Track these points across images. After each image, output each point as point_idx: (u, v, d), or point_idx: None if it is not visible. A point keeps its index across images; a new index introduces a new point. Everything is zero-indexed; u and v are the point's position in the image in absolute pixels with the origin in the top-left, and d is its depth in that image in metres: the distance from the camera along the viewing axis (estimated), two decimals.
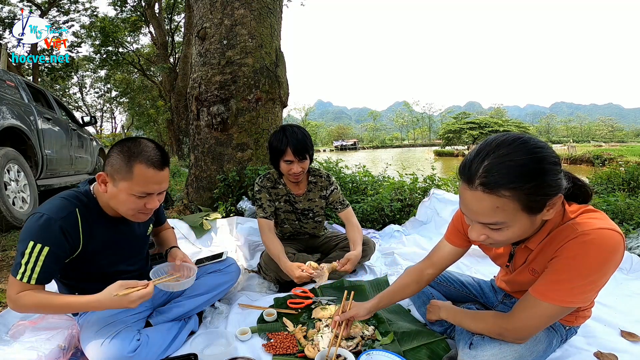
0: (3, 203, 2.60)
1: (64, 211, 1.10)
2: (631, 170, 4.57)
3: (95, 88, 27.85)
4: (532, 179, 0.78)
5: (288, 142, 1.74)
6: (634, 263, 1.95)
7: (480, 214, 0.84)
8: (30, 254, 1.05)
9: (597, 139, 77.50)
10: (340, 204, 2.02)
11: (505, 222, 0.83)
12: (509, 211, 0.81)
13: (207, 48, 3.02)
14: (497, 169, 0.79)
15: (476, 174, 0.82)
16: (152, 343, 1.23)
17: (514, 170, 0.78)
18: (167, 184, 1.18)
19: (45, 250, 1.06)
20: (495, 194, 0.79)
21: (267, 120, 3.08)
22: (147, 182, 1.10)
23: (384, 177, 3.96)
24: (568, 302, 0.88)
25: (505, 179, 0.78)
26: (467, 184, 0.84)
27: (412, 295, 1.32)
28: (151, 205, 1.15)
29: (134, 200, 1.12)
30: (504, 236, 0.86)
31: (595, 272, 0.85)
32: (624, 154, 15.65)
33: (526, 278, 1.05)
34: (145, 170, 1.09)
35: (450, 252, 1.22)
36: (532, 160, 0.79)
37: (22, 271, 1.05)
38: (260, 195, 1.94)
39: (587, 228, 0.85)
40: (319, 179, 2.02)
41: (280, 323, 1.49)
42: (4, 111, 2.93)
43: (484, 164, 0.81)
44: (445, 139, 48.11)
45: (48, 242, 1.06)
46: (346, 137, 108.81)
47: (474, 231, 0.90)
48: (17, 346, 1.21)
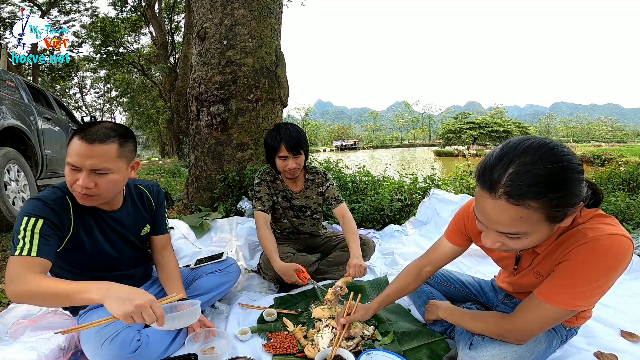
0: (3, 203, 2.60)
1: (55, 195, 1.14)
2: (631, 170, 4.57)
3: (95, 88, 27.89)
4: (559, 189, 0.74)
5: (282, 138, 1.77)
6: (634, 263, 1.95)
7: (501, 223, 0.80)
8: (25, 228, 1.05)
9: (597, 139, 77.50)
10: (335, 199, 2.02)
11: (526, 232, 0.80)
12: (532, 222, 0.77)
13: (207, 48, 3.02)
14: (523, 178, 0.73)
15: (499, 181, 0.76)
16: (152, 343, 1.22)
17: (542, 180, 0.73)
18: (99, 161, 1.09)
19: (40, 222, 1.07)
20: (521, 205, 0.74)
21: (267, 120, 3.08)
22: (73, 153, 1.08)
23: (384, 177, 3.96)
24: (573, 306, 0.88)
25: (533, 190, 0.73)
26: (487, 192, 0.78)
27: (412, 292, 1.33)
28: (82, 182, 1.08)
29: (69, 172, 1.10)
30: (521, 244, 0.84)
31: (603, 277, 0.84)
32: (623, 154, 15.65)
33: (530, 281, 1.04)
34: (75, 141, 1.09)
35: (449, 250, 1.22)
36: (561, 169, 0.74)
37: (20, 245, 1.02)
38: (260, 188, 1.95)
39: (598, 234, 0.84)
40: (316, 176, 2.04)
41: (280, 323, 1.50)
42: (4, 111, 2.93)
43: (508, 172, 0.75)
44: (445, 139, 48.12)
45: (41, 215, 1.08)
46: (346, 137, 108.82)
47: (489, 239, 0.86)
48: (17, 346, 1.22)
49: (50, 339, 1.24)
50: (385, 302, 1.30)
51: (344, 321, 1.24)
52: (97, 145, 1.08)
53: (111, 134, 1.12)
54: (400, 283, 1.28)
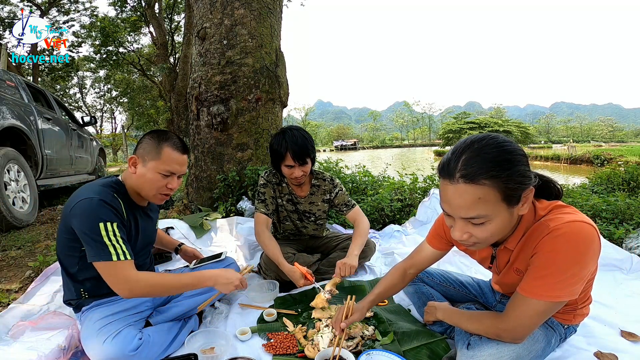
0: (3, 203, 2.60)
1: (109, 195, 1.21)
2: (631, 170, 4.57)
3: (96, 88, 27.85)
4: (506, 167, 0.83)
5: (288, 146, 1.72)
6: (634, 263, 1.94)
7: (463, 207, 0.86)
8: (108, 234, 1.12)
9: (597, 139, 77.50)
10: (345, 205, 2.00)
11: (487, 215, 0.85)
12: (491, 202, 0.84)
13: (207, 48, 3.02)
14: (474, 161, 0.84)
15: (455, 168, 0.85)
16: (153, 342, 1.23)
17: (490, 160, 0.83)
18: (186, 169, 1.35)
19: (114, 225, 1.15)
20: (477, 184, 0.83)
21: (267, 120, 3.08)
22: (172, 162, 1.28)
23: (384, 177, 3.96)
24: (555, 297, 0.90)
25: (484, 169, 0.83)
26: (448, 180, 0.87)
27: (399, 291, 1.40)
28: (172, 185, 1.31)
29: (159, 179, 1.27)
30: (486, 232, 0.88)
31: (574, 264, 0.87)
32: (623, 154, 15.64)
33: (512, 279, 1.06)
34: (171, 152, 1.28)
35: (430, 254, 1.29)
36: (504, 152, 0.85)
37: (113, 252, 1.12)
38: (265, 190, 1.92)
39: (557, 223, 0.89)
40: (322, 182, 2.00)
41: (280, 323, 1.50)
42: (4, 111, 2.93)
43: (461, 159, 0.86)
44: (445, 139, 48.11)
45: (112, 218, 1.15)
46: (346, 137, 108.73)
47: (457, 230, 0.91)
48: (17, 346, 1.22)
49: (50, 339, 1.24)
50: (375, 301, 1.34)
51: (344, 326, 1.24)
52: (186, 156, 1.35)
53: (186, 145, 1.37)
54: (388, 283, 1.34)
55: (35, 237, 2.59)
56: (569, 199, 3.04)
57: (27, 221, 2.88)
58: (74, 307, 1.31)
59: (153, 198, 1.32)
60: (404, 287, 1.37)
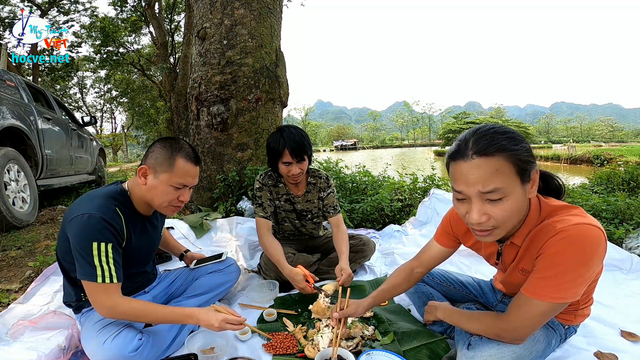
0: (3, 203, 2.60)
1: (109, 210, 1.15)
2: (631, 170, 4.57)
3: (96, 88, 27.85)
4: (515, 142, 0.87)
5: (285, 143, 1.73)
6: (634, 263, 1.94)
7: (480, 180, 0.85)
8: (99, 255, 1.09)
9: (597, 139, 77.48)
10: (333, 208, 2.02)
11: (504, 188, 0.85)
12: (506, 174, 0.85)
13: (207, 48, 3.02)
14: (485, 139, 0.87)
15: (467, 147, 0.88)
16: (153, 343, 1.23)
17: (499, 138, 0.86)
18: (197, 180, 1.30)
19: (109, 246, 1.11)
20: (491, 156, 0.85)
21: (267, 120, 3.08)
22: (185, 174, 1.22)
23: (384, 177, 3.96)
24: (558, 298, 0.90)
25: (495, 143, 0.85)
26: (461, 160, 0.88)
27: (404, 292, 1.38)
28: (184, 197, 1.25)
29: (171, 191, 1.22)
30: (504, 210, 0.87)
31: (579, 266, 0.87)
32: (623, 154, 15.63)
33: (518, 279, 1.06)
34: (185, 163, 1.22)
35: (438, 252, 1.28)
36: (509, 131, 0.89)
37: (100, 273, 1.08)
38: (261, 194, 1.93)
39: (565, 225, 0.89)
40: (318, 179, 2.02)
41: (280, 323, 1.50)
42: (4, 111, 2.92)
43: (472, 139, 0.88)
44: (445, 139, 48.10)
45: (107, 239, 1.11)
46: (346, 137, 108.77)
47: (475, 212, 0.89)
48: (17, 346, 1.21)
49: (50, 339, 1.24)
50: (378, 298, 1.33)
51: (337, 315, 1.24)
52: (198, 167, 1.29)
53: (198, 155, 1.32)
54: (393, 282, 1.33)
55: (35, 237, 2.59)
56: (569, 199, 3.04)
57: (27, 221, 2.88)
58: (74, 308, 1.31)
59: (164, 210, 1.27)
60: (410, 287, 1.35)
